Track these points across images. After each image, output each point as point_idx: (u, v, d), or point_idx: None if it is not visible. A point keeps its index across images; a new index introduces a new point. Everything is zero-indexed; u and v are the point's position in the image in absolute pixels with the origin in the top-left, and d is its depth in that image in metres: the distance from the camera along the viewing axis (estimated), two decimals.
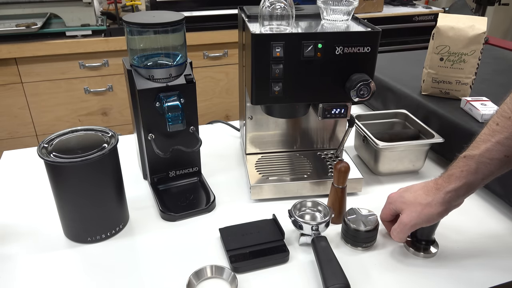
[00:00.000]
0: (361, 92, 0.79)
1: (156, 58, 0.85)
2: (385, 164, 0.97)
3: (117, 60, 1.98)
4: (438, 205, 0.68)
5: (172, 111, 0.82)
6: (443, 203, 0.68)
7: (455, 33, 1.04)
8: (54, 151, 0.72)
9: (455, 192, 0.67)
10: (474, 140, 0.67)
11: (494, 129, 0.64)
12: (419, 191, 0.71)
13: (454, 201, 0.68)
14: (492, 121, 0.65)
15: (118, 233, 0.81)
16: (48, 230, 0.82)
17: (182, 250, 0.77)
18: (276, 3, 0.78)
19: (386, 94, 1.24)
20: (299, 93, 0.82)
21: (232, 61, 2.17)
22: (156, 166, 0.91)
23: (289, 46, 0.77)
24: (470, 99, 1.03)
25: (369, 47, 0.79)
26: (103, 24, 1.94)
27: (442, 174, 0.70)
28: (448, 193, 0.67)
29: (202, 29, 2.04)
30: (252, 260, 0.73)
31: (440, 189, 0.68)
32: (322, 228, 0.75)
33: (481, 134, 0.66)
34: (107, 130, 0.79)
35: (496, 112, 0.65)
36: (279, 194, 0.90)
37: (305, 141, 1.03)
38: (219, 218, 0.86)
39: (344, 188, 0.82)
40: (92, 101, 2.04)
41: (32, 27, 1.78)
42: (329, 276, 0.66)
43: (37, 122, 2.01)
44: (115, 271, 0.73)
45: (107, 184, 0.77)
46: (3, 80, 1.87)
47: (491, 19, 3.46)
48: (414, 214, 0.70)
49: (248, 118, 0.97)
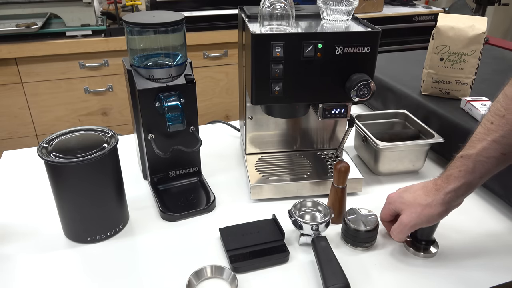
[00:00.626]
0: (361, 92, 0.79)
1: (156, 58, 0.85)
2: (385, 164, 0.97)
3: (117, 60, 1.98)
4: (438, 206, 0.68)
5: (172, 111, 0.82)
6: (443, 203, 0.68)
7: (455, 33, 1.04)
8: (54, 151, 0.72)
9: (454, 192, 0.67)
10: (470, 139, 0.67)
11: (489, 128, 0.64)
12: (419, 191, 0.71)
13: (454, 201, 0.68)
14: (486, 120, 0.65)
15: (118, 233, 0.81)
16: (48, 230, 0.82)
17: (182, 250, 0.77)
18: (276, 3, 0.78)
19: (386, 94, 1.24)
20: (299, 93, 0.82)
21: (232, 61, 2.17)
22: (156, 166, 0.91)
23: (289, 46, 0.77)
24: (470, 99, 1.03)
25: (369, 47, 0.79)
26: (103, 24, 1.94)
27: (440, 174, 0.70)
28: (448, 194, 0.67)
29: (202, 29, 2.04)
30: (252, 260, 0.73)
31: (440, 190, 0.68)
32: (322, 228, 0.75)
33: (476, 133, 0.66)
34: (107, 130, 0.79)
35: (489, 110, 0.65)
36: (279, 194, 0.90)
37: (305, 141, 1.03)
38: (219, 218, 0.86)
39: (344, 188, 0.82)
40: (92, 101, 2.04)
41: (32, 27, 1.78)
42: (329, 276, 0.66)
43: (37, 122, 2.00)
44: (115, 271, 0.73)
45: (107, 184, 0.77)
46: (3, 80, 1.87)
47: (491, 19, 3.46)
48: (414, 215, 0.70)
49: (248, 118, 0.97)
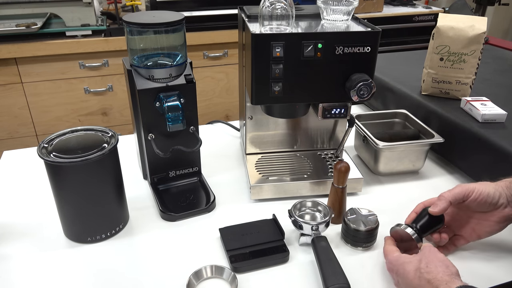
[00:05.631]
0: (361, 92, 0.79)
1: (156, 58, 0.85)
2: (385, 164, 0.97)
3: (117, 60, 1.98)
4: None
5: (172, 111, 0.82)
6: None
7: (455, 33, 1.04)
8: (54, 151, 0.72)
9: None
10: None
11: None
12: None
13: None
14: None
15: (118, 233, 0.81)
16: (48, 230, 0.82)
17: (182, 250, 0.77)
18: (276, 3, 0.78)
19: (386, 94, 1.24)
20: (299, 93, 0.82)
21: (232, 61, 2.17)
22: (156, 166, 0.91)
23: (289, 46, 0.77)
24: (470, 99, 1.03)
25: (369, 47, 0.79)
26: (103, 24, 1.94)
27: None
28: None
29: (202, 29, 2.03)
30: (252, 260, 0.73)
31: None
32: (322, 228, 0.75)
33: None
34: (107, 130, 0.79)
35: None
36: (279, 194, 0.90)
37: (305, 141, 1.02)
38: (219, 218, 0.86)
39: (344, 188, 0.82)
40: (92, 101, 2.04)
41: (32, 27, 1.78)
42: (329, 276, 0.66)
43: (37, 122, 2.00)
44: (115, 271, 0.73)
45: (107, 184, 0.77)
46: (3, 80, 1.87)
47: (491, 19, 3.46)
48: None
49: (248, 118, 0.97)
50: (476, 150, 0.93)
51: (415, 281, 0.61)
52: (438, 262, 0.62)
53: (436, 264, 0.61)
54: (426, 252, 0.65)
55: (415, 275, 0.62)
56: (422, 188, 0.96)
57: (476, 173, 0.95)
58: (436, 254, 0.64)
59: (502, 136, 0.90)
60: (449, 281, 0.58)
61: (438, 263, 0.62)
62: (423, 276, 0.61)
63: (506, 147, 0.87)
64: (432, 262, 0.62)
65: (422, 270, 0.61)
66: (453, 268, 0.61)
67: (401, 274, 0.65)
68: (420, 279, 0.61)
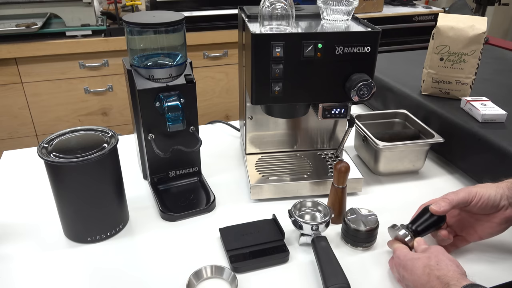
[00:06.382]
0: (361, 92, 0.79)
1: (156, 58, 0.85)
2: (385, 164, 0.97)
3: (117, 60, 1.98)
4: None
5: (172, 111, 0.82)
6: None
7: (455, 33, 1.04)
8: (54, 151, 0.72)
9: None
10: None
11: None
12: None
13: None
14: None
15: (118, 233, 0.81)
16: (48, 230, 0.82)
17: (182, 250, 0.77)
18: (276, 3, 0.78)
19: (386, 94, 1.24)
20: (299, 93, 0.82)
21: (232, 61, 2.17)
22: (156, 166, 0.91)
23: (289, 46, 0.77)
24: (470, 99, 1.03)
25: (369, 47, 0.79)
26: (103, 24, 1.94)
27: None
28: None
29: (202, 29, 2.03)
30: (252, 260, 0.73)
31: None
32: (322, 228, 0.75)
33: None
34: (107, 130, 0.79)
35: None
36: (279, 194, 0.90)
37: (305, 141, 1.02)
38: (219, 218, 0.86)
39: (344, 188, 0.82)
40: (92, 101, 2.04)
41: (32, 27, 1.78)
42: (329, 276, 0.66)
43: (37, 122, 2.00)
44: (115, 271, 0.73)
45: (107, 184, 0.77)
46: (3, 80, 1.87)
47: (491, 19, 3.46)
48: None
49: (248, 118, 0.97)
50: (476, 150, 0.93)
51: (424, 277, 0.62)
52: (449, 261, 0.63)
53: (447, 263, 0.63)
54: (435, 251, 0.66)
55: (423, 271, 0.63)
56: (422, 188, 0.96)
57: (476, 173, 0.95)
58: (445, 253, 0.65)
59: (502, 136, 0.90)
60: (460, 279, 0.59)
61: (449, 262, 0.63)
62: (433, 273, 0.62)
63: (506, 147, 0.87)
64: (443, 261, 0.63)
65: (432, 267, 0.62)
66: (462, 269, 0.63)
67: (409, 269, 0.65)
68: (429, 275, 0.62)
